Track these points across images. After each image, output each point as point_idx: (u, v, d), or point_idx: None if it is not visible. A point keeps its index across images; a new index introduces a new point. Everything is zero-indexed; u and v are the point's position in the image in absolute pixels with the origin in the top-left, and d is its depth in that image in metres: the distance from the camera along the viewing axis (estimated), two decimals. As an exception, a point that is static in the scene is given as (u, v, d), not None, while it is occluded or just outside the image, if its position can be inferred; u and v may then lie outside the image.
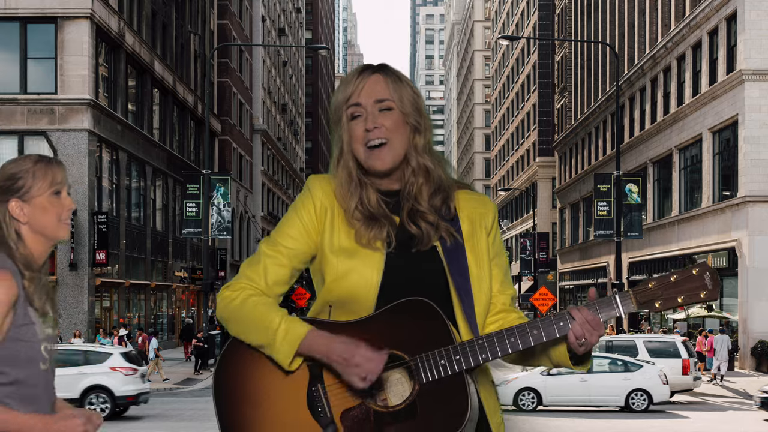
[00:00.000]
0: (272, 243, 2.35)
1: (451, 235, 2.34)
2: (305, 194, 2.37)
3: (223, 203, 37.21)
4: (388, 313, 2.22)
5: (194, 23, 47.68)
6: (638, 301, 2.20)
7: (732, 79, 32.21)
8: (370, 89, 2.31)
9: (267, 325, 2.23)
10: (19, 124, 30.44)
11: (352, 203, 2.31)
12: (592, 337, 2.18)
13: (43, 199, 2.61)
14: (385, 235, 2.29)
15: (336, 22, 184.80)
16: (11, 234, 2.55)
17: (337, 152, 2.36)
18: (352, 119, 2.32)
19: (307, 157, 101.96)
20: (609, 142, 50.09)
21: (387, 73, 2.34)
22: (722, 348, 27.94)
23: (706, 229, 34.96)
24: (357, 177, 2.33)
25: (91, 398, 19.43)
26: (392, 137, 2.30)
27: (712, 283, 2.18)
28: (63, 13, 30.59)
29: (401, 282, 2.27)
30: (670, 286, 2.19)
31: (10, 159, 2.67)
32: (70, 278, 30.31)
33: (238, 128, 58.30)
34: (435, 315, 2.19)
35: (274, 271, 2.32)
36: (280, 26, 77.01)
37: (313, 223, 2.33)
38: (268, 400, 2.27)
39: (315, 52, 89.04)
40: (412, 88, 2.35)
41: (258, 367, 2.28)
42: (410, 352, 2.20)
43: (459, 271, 2.31)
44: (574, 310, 2.18)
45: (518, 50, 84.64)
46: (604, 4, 52.46)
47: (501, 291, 2.40)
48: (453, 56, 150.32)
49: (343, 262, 2.28)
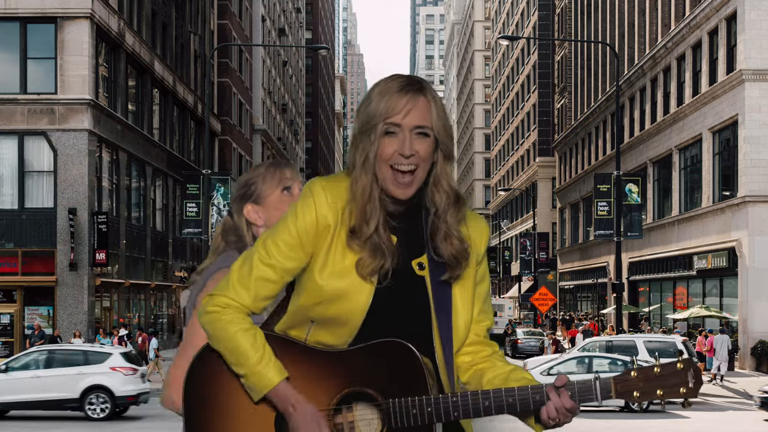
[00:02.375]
0: (266, 255, 2.28)
1: (446, 267, 2.31)
2: (308, 205, 2.27)
3: (223, 203, 37.20)
4: (367, 350, 2.20)
5: (194, 23, 47.68)
6: (618, 390, 2.18)
7: (732, 79, 32.21)
8: (415, 114, 2.24)
9: (243, 361, 2.21)
10: (19, 124, 30.44)
11: (371, 227, 2.24)
12: (565, 420, 2.19)
13: (275, 197, 2.84)
14: (387, 267, 2.24)
15: (336, 22, 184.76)
16: (249, 238, 2.85)
17: (361, 159, 2.27)
18: (385, 134, 2.25)
19: (307, 157, 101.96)
20: (609, 142, 50.09)
21: (433, 98, 2.28)
22: (722, 348, 27.94)
23: (706, 229, 34.96)
24: (377, 195, 2.26)
25: (91, 398, 19.43)
26: (421, 165, 2.25)
27: (694, 382, 2.17)
28: (63, 13, 30.59)
29: (388, 310, 2.25)
30: (651, 379, 2.19)
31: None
32: (70, 278, 30.30)
33: (238, 128, 58.31)
34: (413, 360, 2.16)
35: (263, 286, 2.28)
36: (280, 26, 77.01)
37: (311, 239, 2.26)
38: (237, 416, 2.26)
39: (315, 52, 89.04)
40: (446, 112, 2.33)
41: (231, 380, 2.27)
42: (384, 394, 2.18)
43: (443, 306, 2.30)
44: (553, 392, 2.16)
45: (518, 50, 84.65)
46: (604, 4, 52.46)
47: (477, 321, 2.36)
48: (453, 56, 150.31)
49: (333, 287, 2.23)
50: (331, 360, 2.21)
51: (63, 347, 21.87)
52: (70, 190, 30.43)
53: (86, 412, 19.35)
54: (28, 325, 30.02)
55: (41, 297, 30.62)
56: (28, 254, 30.64)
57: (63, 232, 30.27)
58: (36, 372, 19.71)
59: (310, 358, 2.23)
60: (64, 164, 30.45)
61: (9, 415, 20.07)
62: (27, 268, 30.56)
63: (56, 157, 30.50)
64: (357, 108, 2.37)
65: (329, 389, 2.20)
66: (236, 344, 2.22)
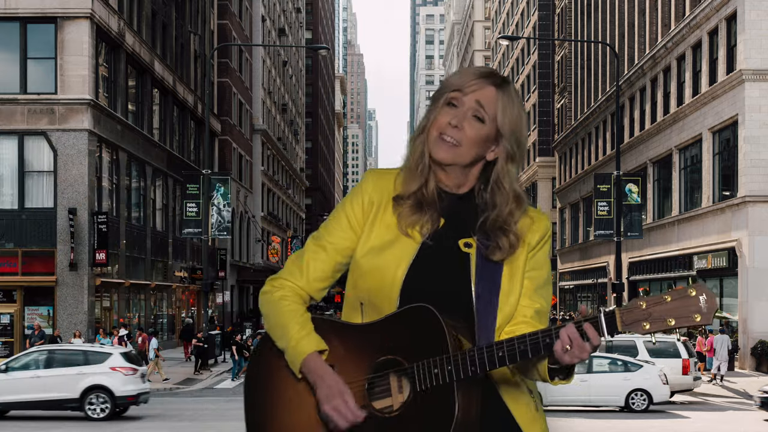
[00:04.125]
0: (317, 237, 2.44)
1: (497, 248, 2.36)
2: (357, 188, 2.44)
3: (223, 203, 37.22)
4: (393, 319, 2.26)
5: (194, 23, 47.68)
6: (624, 322, 2.10)
7: (732, 79, 32.21)
8: (477, 95, 2.32)
9: (284, 333, 2.33)
10: (19, 124, 30.44)
11: (414, 186, 2.35)
12: (581, 354, 2.13)
13: None
14: (426, 222, 2.33)
15: (336, 22, 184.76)
16: None
17: (420, 127, 2.39)
18: (447, 104, 2.34)
19: (307, 157, 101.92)
20: (609, 142, 50.09)
21: (505, 94, 2.34)
22: (722, 348, 27.94)
23: (706, 229, 34.96)
24: (427, 159, 2.35)
25: (91, 398, 19.42)
26: (466, 145, 2.31)
27: (708, 307, 2.05)
28: (63, 13, 30.58)
29: (426, 281, 2.31)
30: (661, 308, 2.06)
31: None
32: (70, 278, 30.30)
33: (238, 128, 58.30)
34: (436, 323, 2.19)
35: (314, 267, 2.40)
36: (280, 26, 77.01)
37: (359, 218, 2.39)
38: (285, 398, 2.37)
39: (315, 52, 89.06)
40: (521, 115, 2.36)
41: (282, 362, 2.38)
42: (410, 359, 2.23)
43: (488, 283, 2.33)
44: (562, 329, 2.15)
45: (518, 50, 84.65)
46: (604, 4, 52.46)
47: (526, 304, 2.38)
48: (453, 56, 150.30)
49: (369, 261, 2.34)
50: (366, 332, 2.30)
51: (63, 347, 21.87)
52: (70, 190, 30.43)
53: (86, 412, 19.34)
54: (28, 325, 30.02)
55: (41, 297, 30.62)
56: (28, 254, 30.64)
57: (63, 232, 30.27)
58: (36, 372, 19.71)
59: (348, 333, 2.33)
60: (64, 164, 30.45)
61: (9, 415, 20.07)
62: (27, 268, 30.56)
63: (56, 157, 30.50)
64: None
65: (364, 360, 2.28)
66: (281, 318, 2.35)
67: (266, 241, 67.56)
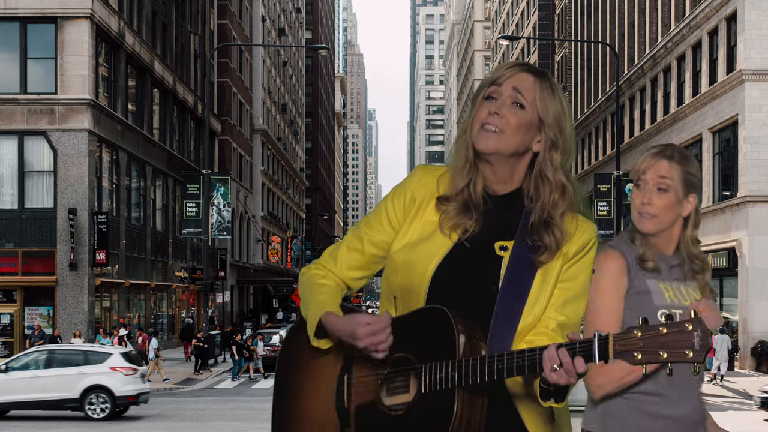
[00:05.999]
0: (357, 228, 2.48)
1: (532, 253, 2.32)
2: (403, 183, 2.46)
3: (223, 203, 37.23)
4: (413, 317, 2.28)
5: (194, 23, 47.68)
6: (616, 350, 2.01)
7: (732, 79, 32.22)
8: (514, 81, 2.30)
9: (312, 297, 2.39)
10: (19, 124, 30.45)
11: (461, 184, 2.33)
12: (569, 377, 2.05)
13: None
14: (469, 225, 2.32)
15: (336, 22, 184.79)
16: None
17: (463, 127, 2.38)
18: (486, 99, 2.32)
19: (307, 157, 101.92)
20: (609, 142, 50.10)
21: (543, 82, 2.32)
22: (722, 348, 27.94)
23: (706, 229, 34.96)
24: (472, 159, 2.33)
25: (91, 398, 19.42)
26: (508, 132, 2.28)
27: (701, 345, 1.96)
28: (63, 13, 30.59)
29: (455, 280, 2.31)
30: (656, 340, 1.98)
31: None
32: (70, 278, 30.30)
33: (238, 128, 58.31)
34: (449, 326, 2.18)
35: (349, 255, 2.45)
36: (280, 26, 77.01)
37: (398, 214, 2.42)
38: (312, 377, 2.44)
39: (315, 52, 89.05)
40: (563, 105, 2.33)
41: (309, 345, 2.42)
42: (421, 359, 2.23)
43: (517, 290, 2.29)
44: (553, 347, 2.07)
45: (518, 50, 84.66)
46: (604, 4, 52.47)
47: (551, 315, 2.33)
48: (453, 56, 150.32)
49: (402, 256, 2.35)
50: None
51: (63, 347, 21.87)
52: (70, 190, 30.43)
53: (86, 412, 19.34)
54: (28, 325, 30.02)
55: (41, 297, 30.62)
56: (28, 254, 30.64)
57: (63, 232, 30.27)
58: (36, 372, 19.70)
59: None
60: (64, 164, 30.45)
61: (9, 415, 20.07)
62: (27, 268, 30.56)
63: (56, 157, 30.51)
64: None
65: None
66: (311, 288, 2.41)
67: (266, 241, 67.56)
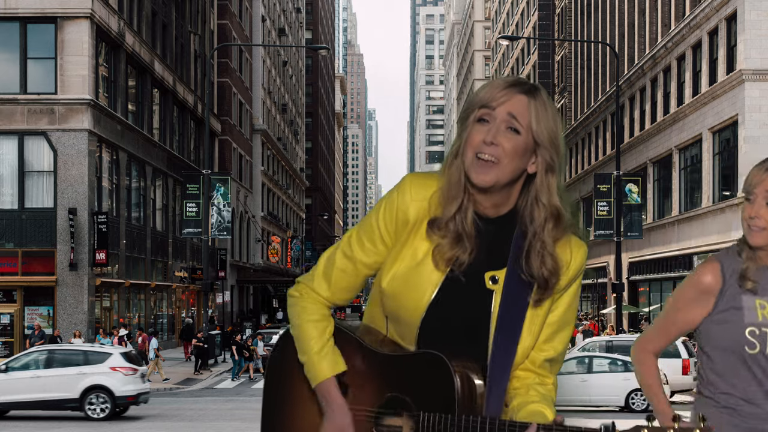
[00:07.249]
0: (347, 247, 2.34)
1: (526, 287, 2.25)
2: (392, 199, 2.29)
3: (223, 203, 37.23)
4: (411, 358, 2.23)
5: (194, 23, 47.68)
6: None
7: (732, 79, 32.21)
8: (508, 106, 2.20)
9: (306, 349, 2.32)
10: (19, 124, 30.45)
11: (452, 209, 2.22)
12: None
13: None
14: (464, 260, 2.23)
15: (336, 22, 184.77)
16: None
17: (454, 150, 2.26)
18: (478, 121, 2.21)
19: (307, 157, 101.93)
20: (609, 142, 50.09)
21: (537, 101, 2.21)
22: None
23: (706, 229, 34.96)
24: (464, 184, 2.22)
25: (91, 398, 19.43)
26: (504, 161, 2.17)
27: None
28: (63, 13, 30.59)
29: (447, 314, 2.25)
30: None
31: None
32: (70, 278, 30.30)
33: (238, 128, 58.30)
34: (448, 375, 2.14)
35: (341, 278, 2.34)
36: (280, 26, 77.01)
37: (390, 234, 2.29)
38: (300, 397, 2.39)
39: (315, 52, 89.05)
40: (556, 121, 2.25)
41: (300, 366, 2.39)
42: (418, 404, 2.19)
43: (510, 326, 2.24)
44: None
45: (518, 50, 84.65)
46: (604, 4, 52.46)
47: (538, 348, 2.29)
48: (453, 56, 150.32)
49: (393, 288, 2.27)
50: (384, 362, 2.27)
51: (63, 347, 21.88)
52: (70, 190, 30.43)
53: (86, 412, 19.34)
54: (28, 325, 30.02)
55: (41, 297, 30.63)
56: (28, 254, 30.64)
57: (63, 232, 30.27)
58: (36, 372, 19.71)
59: (368, 357, 2.30)
60: (64, 164, 30.45)
61: (9, 415, 20.07)
62: (27, 268, 30.56)
63: (56, 157, 30.51)
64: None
65: (376, 391, 2.27)
66: (303, 332, 2.33)
67: (266, 241, 67.56)
